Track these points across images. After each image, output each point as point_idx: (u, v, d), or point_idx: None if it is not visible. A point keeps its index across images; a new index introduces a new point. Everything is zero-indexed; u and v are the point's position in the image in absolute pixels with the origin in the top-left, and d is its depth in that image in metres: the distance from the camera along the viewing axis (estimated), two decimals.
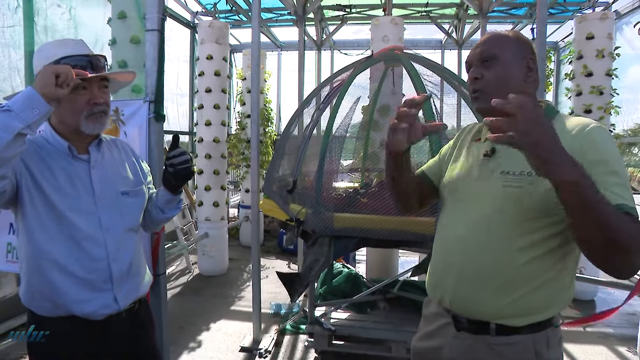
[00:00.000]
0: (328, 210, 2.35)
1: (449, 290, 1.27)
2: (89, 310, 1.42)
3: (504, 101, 0.89)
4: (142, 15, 2.38)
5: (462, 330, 1.25)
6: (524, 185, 1.12)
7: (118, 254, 1.48)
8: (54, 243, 1.39)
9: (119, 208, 1.51)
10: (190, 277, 5.30)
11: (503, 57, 1.21)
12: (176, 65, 6.65)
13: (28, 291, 1.45)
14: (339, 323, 3.24)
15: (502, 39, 1.24)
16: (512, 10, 6.11)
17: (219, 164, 5.36)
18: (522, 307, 1.16)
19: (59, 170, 1.43)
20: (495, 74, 1.21)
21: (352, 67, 2.98)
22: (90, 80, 1.42)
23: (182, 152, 1.54)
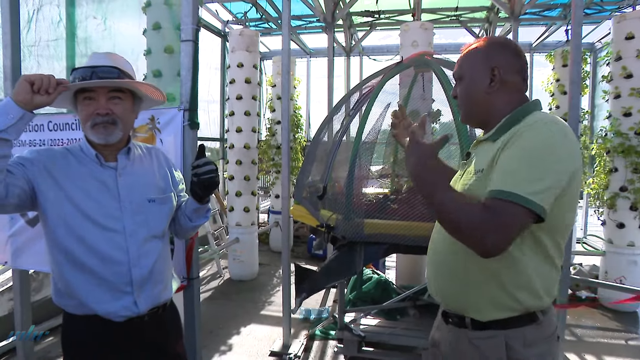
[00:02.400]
0: (358, 216, 2.35)
1: (433, 285, 1.41)
2: (110, 310, 1.47)
3: None
4: (177, 26, 2.46)
5: (450, 324, 1.35)
6: (472, 183, 1.24)
7: (140, 260, 1.52)
8: (77, 245, 1.45)
9: (144, 215, 1.55)
10: (221, 282, 5.38)
11: (465, 76, 1.34)
12: (207, 72, 6.80)
13: (55, 290, 1.53)
14: (369, 329, 3.22)
15: (464, 58, 1.36)
16: (545, 12, 5.98)
17: (250, 170, 5.43)
18: (489, 302, 1.23)
19: (88, 176, 1.50)
20: (462, 90, 1.36)
21: (381, 74, 2.98)
22: (97, 92, 1.46)
23: (207, 162, 1.55)
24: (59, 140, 2.53)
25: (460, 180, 1.34)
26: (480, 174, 1.23)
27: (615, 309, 4.35)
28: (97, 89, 1.46)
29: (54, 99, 1.32)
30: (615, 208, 4.43)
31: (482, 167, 1.23)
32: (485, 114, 1.33)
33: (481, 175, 1.22)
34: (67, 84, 1.36)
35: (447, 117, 3.05)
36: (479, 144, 1.36)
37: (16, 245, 2.54)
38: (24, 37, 2.97)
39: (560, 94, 6.15)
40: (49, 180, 1.44)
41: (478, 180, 1.22)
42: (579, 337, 3.83)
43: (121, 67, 1.51)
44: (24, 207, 1.45)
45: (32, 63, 3.06)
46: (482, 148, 1.32)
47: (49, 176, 1.44)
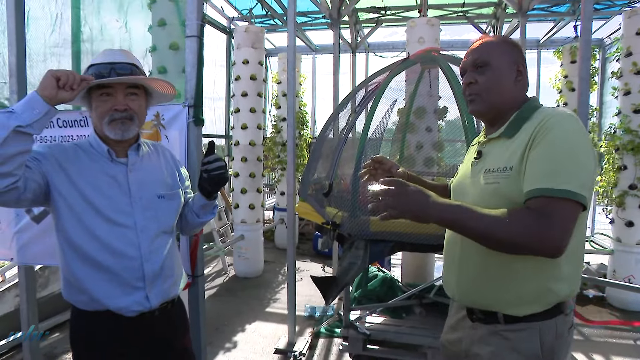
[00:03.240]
0: (364, 213, 2.33)
1: (454, 283, 1.39)
2: (122, 305, 1.48)
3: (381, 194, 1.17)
4: (182, 22, 2.45)
5: (477, 321, 1.33)
6: (500, 180, 1.21)
7: (151, 255, 1.53)
8: (89, 240, 1.45)
9: (154, 210, 1.56)
10: (226, 279, 5.38)
11: (494, 63, 1.31)
12: (212, 69, 6.79)
13: (66, 285, 1.53)
14: (374, 327, 3.21)
15: (493, 46, 1.33)
16: (553, 7, 5.91)
17: (255, 167, 5.42)
18: (519, 297, 1.22)
19: (99, 172, 1.50)
20: (488, 78, 1.31)
21: (388, 70, 2.95)
22: (115, 88, 1.47)
23: (217, 159, 1.57)
24: (69, 136, 2.54)
25: (480, 179, 1.29)
26: (509, 172, 1.20)
27: (624, 308, 4.31)
28: (115, 86, 1.47)
29: (76, 95, 1.34)
30: (624, 206, 4.38)
31: (508, 165, 1.21)
32: (502, 106, 1.32)
33: (511, 174, 1.19)
34: (90, 80, 1.37)
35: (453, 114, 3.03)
36: (490, 142, 1.34)
37: (22, 241, 2.54)
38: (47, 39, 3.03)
39: (569, 90, 6.09)
40: (62, 175, 1.44)
41: (508, 178, 1.20)
42: (586, 336, 3.80)
43: (136, 64, 1.54)
44: (37, 202, 1.45)
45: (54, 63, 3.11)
46: (496, 146, 1.31)
47: (62, 171, 1.45)
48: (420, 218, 1.16)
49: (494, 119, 1.35)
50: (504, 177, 1.21)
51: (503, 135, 1.29)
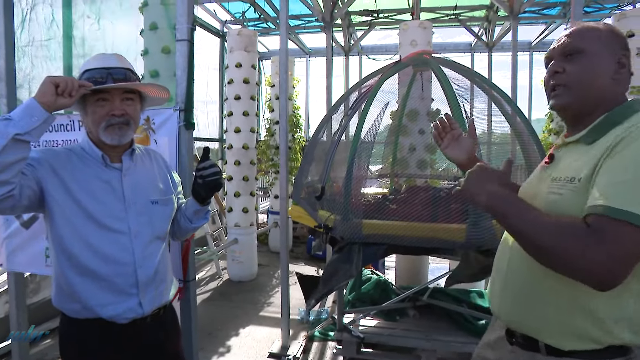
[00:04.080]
0: (356, 216, 2.32)
1: (497, 300, 1.26)
2: (114, 313, 1.46)
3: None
4: (173, 26, 2.44)
5: (516, 345, 1.19)
6: (564, 192, 1.05)
7: (145, 261, 1.52)
8: (82, 247, 1.44)
9: (148, 216, 1.55)
10: (220, 283, 5.35)
11: (590, 51, 1.11)
12: (206, 73, 6.79)
13: (58, 293, 1.52)
14: (368, 330, 3.20)
15: (590, 32, 1.13)
16: (544, 10, 5.96)
17: (248, 170, 5.41)
18: (569, 328, 1.06)
19: (93, 177, 1.49)
20: (580, 68, 1.11)
21: (380, 73, 2.96)
22: (111, 93, 1.46)
23: (212, 164, 1.58)
24: (55, 141, 2.51)
25: (544, 187, 1.15)
26: (577, 184, 1.03)
27: None
28: (112, 91, 1.47)
29: (74, 101, 1.33)
30: None
31: (577, 176, 1.04)
32: (593, 103, 1.12)
33: (579, 186, 1.02)
34: (89, 86, 1.37)
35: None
36: (567, 146, 1.18)
37: (11, 247, 2.52)
38: (18, 37, 2.95)
39: None
40: (56, 181, 1.43)
41: (574, 191, 1.03)
42: None
43: (131, 68, 1.54)
44: (32, 208, 1.44)
45: (26, 63, 3.04)
46: (572, 151, 1.14)
47: (56, 177, 1.43)
48: (471, 199, 1.13)
49: (577, 117, 1.16)
50: (570, 189, 1.04)
51: (582, 140, 1.11)
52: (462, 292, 3.53)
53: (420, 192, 2.64)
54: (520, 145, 2.67)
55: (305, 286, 2.98)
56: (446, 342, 3.03)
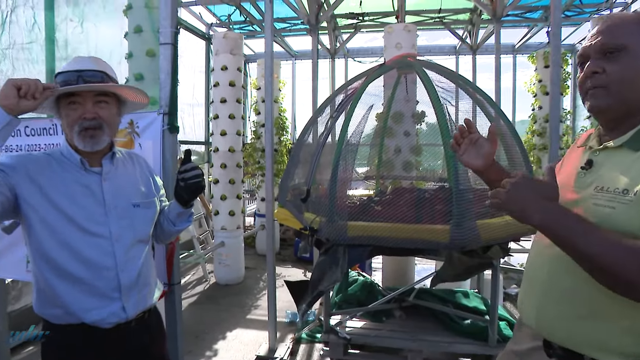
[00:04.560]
0: (342, 218, 2.34)
1: (533, 310, 1.16)
2: (97, 318, 1.45)
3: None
4: (157, 29, 2.43)
5: (554, 358, 1.11)
6: (617, 206, 0.96)
7: (127, 264, 1.50)
8: (63, 252, 1.42)
9: (129, 219, 1.54)
10: (207, 286, 5.33)
11: (633, 48, 1.00)
12: (192, 75, 6.76)
13: (39, 299, 1.50)
14: (355, 332, 3.21)
15: (631, 25, 1.01)
16: (526, 13, 6.06)
17: (235, 173, 5.40)
18: (621, 343, 0.98)
19: (72, 182, 1.47)
20: (623, 67, 1.00)
21: (364, 75, 2.98)
22: (83, 96, 1.44)
23: (194, 167, 1.57)
24: (37, 145, 2.48)
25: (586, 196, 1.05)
26: (632, 197, 0.94)
27: None
28: (83, 94, 1.44)
29: (39, 104, 1.29)
30: None
31: (630, 189, 0.95)
32: (635, 105, 1.03)
33: (634, 200, 0.93)
34: (53, 88, 1.33)
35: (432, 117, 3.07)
36: (607, 151, 1.07)
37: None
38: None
39: (543, 94, 6.24)
40: (32, 187, 1.41)
41: (629, 206, 0.94)
42: None
43: (106, 71, 1.51)
44: (6, 215, 1.42)
45: (7, 66, 3.01)
46: (616, 157, 1.05)
47: (32, 182, 1.41)
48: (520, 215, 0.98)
49: (617, 120, 1.07)
50: (624, 203, 0.95)
51: (627, 145, 1.02)
52: (448, 292, 3.57)
53: (405, 194, 2.67)
54: (503, 147, 2.72)
55: (295, 292, 2.98)
56: (432, 342, 3.05)
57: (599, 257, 0.90)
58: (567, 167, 1.20)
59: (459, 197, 2.21)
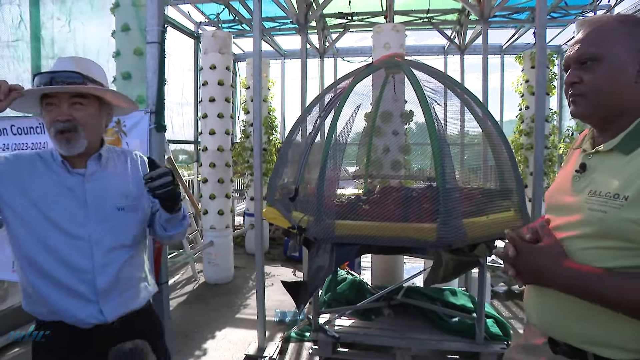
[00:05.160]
0: (329, 217, 2.35)
1: (535, 309, 1.20)
2: (76, 318, 1.45)
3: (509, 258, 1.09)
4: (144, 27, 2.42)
5: (560, 354, 1.12)
6: (608, 210, 0.99)
7: (105, 268, 1.48)
8: (41, 252, 1.42)
9: (112, 222, 1.51)
10: (196, 286, 5.31)
11: (606, 57, 1.04)
12: (181, 74, 6.71)
13: (25, 297, 1.51)
14: (344, 330, 3.23)
15: (606, 32, 1.05)
16: (513, 14, 6.11)
17: (224, 172, 5.38)
18: (619, 338, 1.01)
19: (56, 183, 1.47)
20: (597, 77, 1.05)
21: (352, 75, 3.00)
22: (59, 98, 1.42)
23: (161, 174, 1.42)
24: (24, 144, 2.47)
25: (581, 200, 1.07)
26: (622, 202, 0.97)
27: None
28: (58, 95, 1.42)
29: (7, 105, 1.29)
30: None
31: (621, 193, 0.98)
32: (617, 109, 1.06)
33: (626, 205, 0.96)
34: (20, 90, 1.32)
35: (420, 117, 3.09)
36: (599, 155, 1.10)
37: None
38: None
39: (530, 94, 6.30)
40: (12, 187, 1.41)
41: (620, 209, 0.97)
42: None
43: (84, 72, 1.46)
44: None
45: None
46: (607, 161, 1.07)
47: (12, 183, 1.41)
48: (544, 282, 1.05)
49: (604, 122, 1.11)
50: (614, 206, 0.98)
51: (617, 149, 1.05)
52: (436, 290, 3.60)
53: (393, 193, 2.68)
54: (490, 147, 2.75)
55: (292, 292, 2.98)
56: (421, 339, 3.08)
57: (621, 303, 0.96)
58: (567, 169, 1.22)
59: (445, 196, 2.23)
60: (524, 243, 1.10)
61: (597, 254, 1.03)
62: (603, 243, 1.02)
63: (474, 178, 3.09)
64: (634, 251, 0.98)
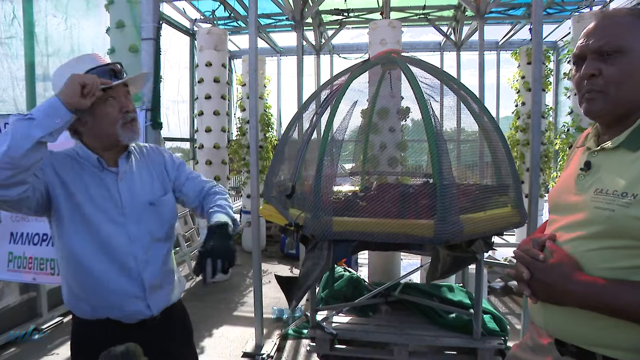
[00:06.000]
0: (327, 214, 2.34)
1: (541, 311, 1.16)
2: (122, 315, 1.48)
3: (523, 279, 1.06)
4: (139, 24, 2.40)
5: (567, 355, 1.10)
6: (616, 208, 0.96)
7: (147, 264, 1.51)
8: (87, 252, 1.43)
9: (146, 219, 1.53)
10: (193, 283, 5.30)
11: (631, 49, 0.97)
12: (177, 72, 6.69)
13: (68, 294, 1.51)
14: (341, 327, 3.22)
15: (630, 23, 0.99)
16: (509, 10, 6.11)
17: (220, 170, 5.37)
18: (628, 340, 0.99)
19: (91, 182, 1.46)
20: (622, 70, 0.98)
21: (348, 72, 2.99)
22: (117, 90, 1.43)
23: (222, 254, 1.33)
24: None
25: (587, 198, 1.05)
26: (630, 200, 0.95)
27: None
28: (116, 88, 1.44)
29: (90, 102, 1.30)
30: None
31: (629, 191, 0.96)
32: (633, 107, 1.02)
33: (634, 203, 0.94)
34: (108, 83, 1.34)
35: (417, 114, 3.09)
36: (604, 152, 1.07)
37: None
38: None
39: (526, 90, 6.31)
40: (60, 185, 1.41)
41: (628, 207, 0.95)
42: None
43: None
44: (39, 211, 1.41)
45: None
46: (613, 158, 1.04)
47: (60, 181, 1.41)
48: (558, 299, 1.03)
49: (615, 121, 1.06)
50: (622, 205, 0.95)
51: (624, 146, 1.01)
52: (433, 286, 3.60)
53: (390, 189, 2.68)
54: (487, 143, 2.75)
55: (285, 287, 2.98)
56: (418, 336, 3.08)
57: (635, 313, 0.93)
58: (571, 167, 1.19)
59: (443, 192, 2.22)
60: (535, 262, 1.06)
61: (604, 255, 1.00)
62: (610, 243, 0.99)
63: (471, 174, 3.10)
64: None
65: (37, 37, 3.29)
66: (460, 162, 3.06)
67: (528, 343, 1.27)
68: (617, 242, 0.98)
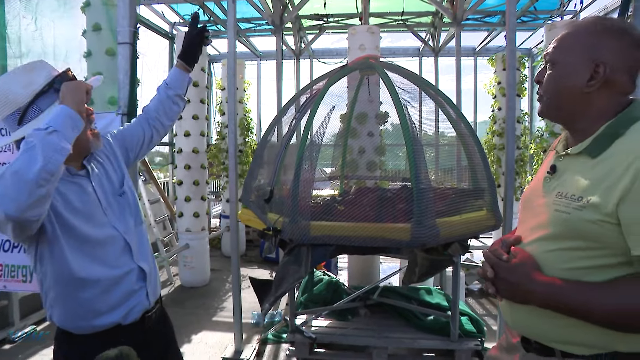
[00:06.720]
0: (304, 218, 2.35)
1: (509, 310, 1.21)
2: (124, 312, 1.46)
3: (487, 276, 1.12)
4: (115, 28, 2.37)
5: (532, 352, 1.17)
6: (572, 212, 1.02)
7: (140, 252, 1.53)
8: (84, 263, 1.39)
9: (122, 210, 1.54)
10: (172, 289, 5.24)
11: (558, 62, 1.10)
12: (156, 75, 6.62)
13: (65, 315, 1.43)
14: (320, 331, 3.24)
15: (569, 40, 1.09)
16: (485, 18, 6.24)
17: (199, 174, 5.33)
18: (583, 337, 1.04)
19: (67, 191, 1.41)
20: (547, 80, 1.13)
21: (327, 77, 3.01)
22: None
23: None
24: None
25: (550, 200, 1.10)
26: (584, 204, 1.00)
27: None
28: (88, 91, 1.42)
29: None
30: None
31: (584, 195, 1.01)
32: (574, 113, 1.10)
33: (587, 207, 0.99)
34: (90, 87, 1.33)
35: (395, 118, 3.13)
36: (568, 157, 1.12)
37: None
38: None
39: (502, 96, 6.44)
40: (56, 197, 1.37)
41: (582, 211, 1.00)
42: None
43: None
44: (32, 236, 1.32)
45: None
46: (576, 163, 1.09)
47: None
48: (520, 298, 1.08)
49: (567, 124, 1.15)
50: (577, 208, 1.01)
51: (585, 152, 1.06)
52: (411, 289, 3.64)
53: (368, 193, 2.71)
54: (463, 147, 2.80)
55: (258, 290, 2.98)
56: (396, 338, 3.11)
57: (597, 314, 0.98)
58: (541, 170, 1.24)
59: (419, 196, 2.26)
60: (499, 262, 1.12)
61: (562, 256, 1.06)
62: (567, 244, 1.04)
63: (448, 178, 3.15)
64: (595, 251, 1.01)
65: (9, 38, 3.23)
66: (438, 166, 3.12)
67: (503, 344, 1.33)
68: (573, 244, 1.03)
